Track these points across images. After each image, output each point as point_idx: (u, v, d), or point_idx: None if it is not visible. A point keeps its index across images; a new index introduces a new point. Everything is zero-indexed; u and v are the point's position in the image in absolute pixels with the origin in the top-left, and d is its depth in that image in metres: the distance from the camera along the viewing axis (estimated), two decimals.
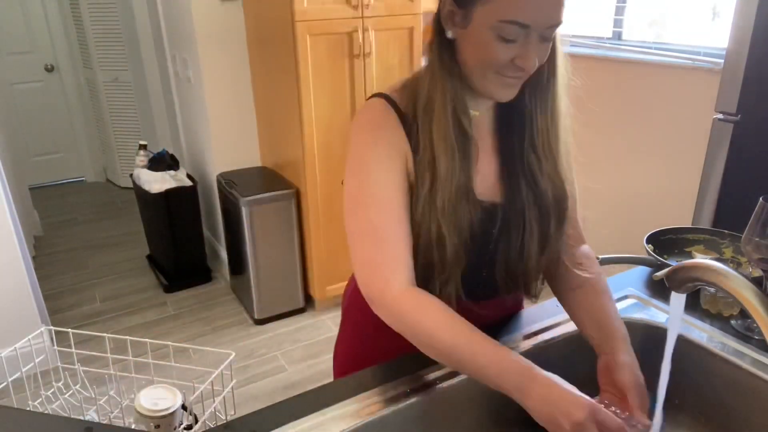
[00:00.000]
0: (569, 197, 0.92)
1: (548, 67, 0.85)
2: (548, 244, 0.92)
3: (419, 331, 0.80)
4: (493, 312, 1.00)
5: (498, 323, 1.03)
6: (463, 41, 0.81)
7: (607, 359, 0.84)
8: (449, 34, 0.82)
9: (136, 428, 0.85)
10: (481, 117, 0.90)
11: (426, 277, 0.88)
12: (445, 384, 0.88)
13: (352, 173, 0.87)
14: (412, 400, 0.84)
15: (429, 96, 0.83)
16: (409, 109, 0.86)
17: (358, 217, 0.85)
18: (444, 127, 0.82)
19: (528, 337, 0.99)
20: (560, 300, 0.98)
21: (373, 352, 0.99)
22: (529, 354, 0.95)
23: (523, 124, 0.89)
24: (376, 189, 0.84)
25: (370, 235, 0.84)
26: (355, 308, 1.08)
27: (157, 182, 2.87)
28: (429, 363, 0.91)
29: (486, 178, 0.90)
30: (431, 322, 0.79)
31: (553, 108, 0.87)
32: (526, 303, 1.10)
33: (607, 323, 0.88)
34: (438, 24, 0.83)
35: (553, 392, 0.70)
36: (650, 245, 1.20)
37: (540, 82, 0.86)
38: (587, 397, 0.69)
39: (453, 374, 0.90)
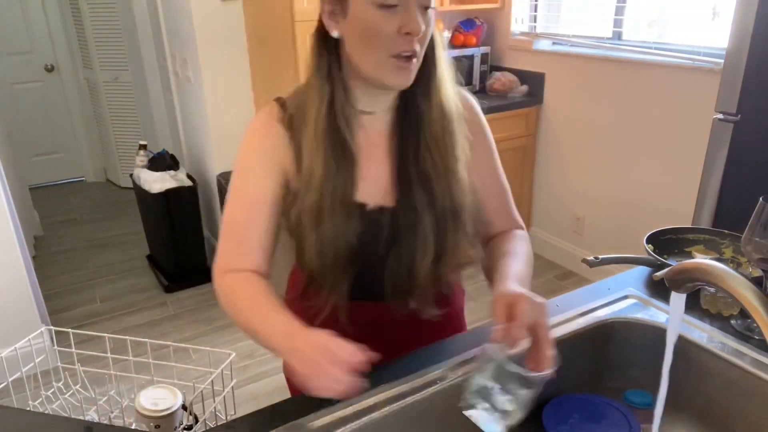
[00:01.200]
0: (468, 205, 0.91)
1: (430, 61, 0.86)
2: (444, 253, 0.90)
3: (230, 303, 0.87)
4: (385, 316, 0.97)
5: None
6: (348, 33, 0.81)
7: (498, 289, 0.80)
8: (335, 33, 0.82)
9: (136, 428, 0.85)
10: (377, 119, 0.90)
11: (320, 280, 0.92)
12: (444, 384, 0.88)
13: (233, 173, 0.93)
14: (412, 400, 0.84)
15: (302, 103, 0.85)
16: (293, 117, 0.88)
17: (227, 211, 0.92)
18: (316, 134, 0.83)
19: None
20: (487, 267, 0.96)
21: None
22: None
23: (419, 125, 0.89)
24: (245, 190, 0.90)
25: (227, 228, 0.91)
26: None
27: (157, 182, 2.87)
28: (429, 363, 0.91)
29: (376, 183, 0.89)
30: (239, 293, 0.87)
31: (442, 103, 0.88)
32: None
33: (503, 265, 0.88)
34: (319, 30, 0.85)
35: (312, 343, 0.73)
36: (650, 245, 1.20)
37: (425, 78, 0.86)
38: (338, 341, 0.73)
39: (452, 374, 0.90)
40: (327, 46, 0.84)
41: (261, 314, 0.83)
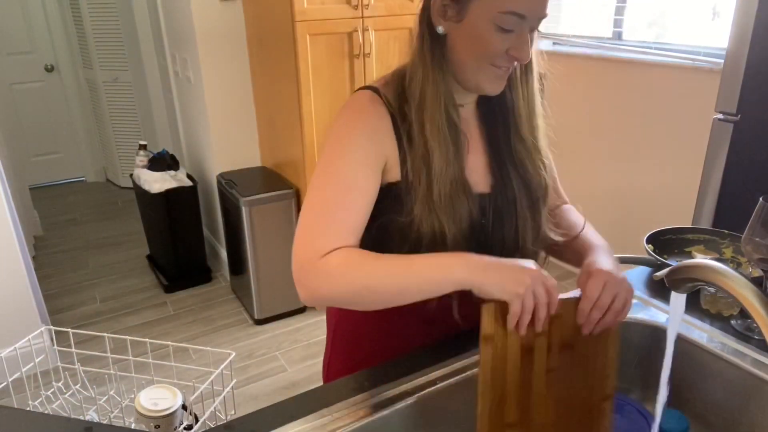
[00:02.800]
0: (552, 179, 0.96)
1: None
2: (541, 229, 0.94)
3: (354, 281, 0.79)
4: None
5: None
6: (456, 35, 0.82)
7: (584, 264, 0.85)
8: (440, 30, 0.83)
9: (136, 428, 0.85)
10: (466, 110, 0.92)
11: None
12: (444, 384, 0.88)
13: (325, 154, 0.87)
14: (412, 400, 0.84)
15: (422, 91, 0.83)
16: (395, 105, 0.86)
17: (316, 191, 0.85)
18: (437, 121, 0.83)
19: None
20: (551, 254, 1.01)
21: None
22: None
23: (506, 115, 0.92)
24: (343, 171, 0.84)
25: (321, 207, 0.83)
26: (346, 323, 1.08)
27: (157, 182, 2.87)
28: (429, 363, 0.91)
29: (475, 170, 0.91)
30: (363, 264, 0.79)
31: (531, 96, 0.91)
32: None
33: (584, 241, 0.93)
34: (426, 19, 0.84)
35: (501, 263, 0.75)
36: (650, 245, 1.20)
37: (519, 73, 0.89)
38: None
39: (453, 374, 0.90)
40: (436, 37, 0.84)
41: (406, 262, 0.79)
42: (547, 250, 1.00)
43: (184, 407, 0.87)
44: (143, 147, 3.09)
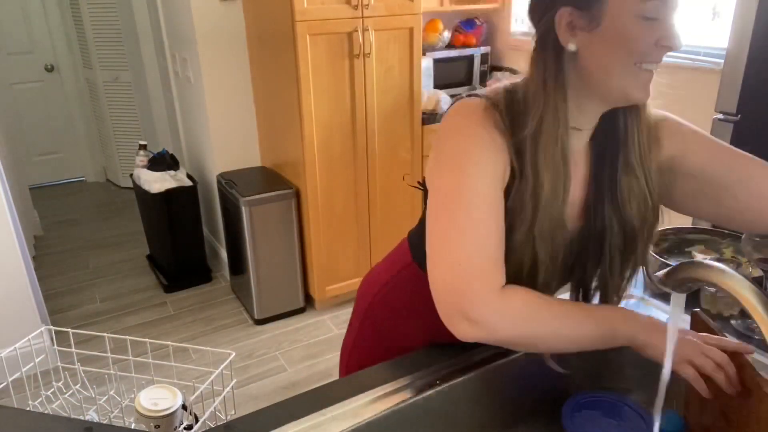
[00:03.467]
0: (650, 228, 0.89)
1: None
2: (631, 267, 0.90)
3: (535, 328, 0.77)
4: None
5: None
6: (592, 46, 0.75)
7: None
8: (571, 47, 0.76)
9: (136, 428, 0.85)
10: (580, 138, 0.85)
11: None
12: (445, 384, 0.88)
13: (447, 169, 0.79)
14: (413, 399, 0.84)
15: (541, 118, 0.77)
16: (512, 123, 0.79)
17: (455, 214, 0.77)
18: (552, 153, 0.77)
19: None
20: None
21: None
22: (530, 354, 0.96)
23: (616, 147, 0.85)
24: (478, 185, 0.77)
25: (470, 232, 0.76)
26: (379, 312, 1.07)
27: (157, 182, 2.87)
28: (428, 363, 0.91)
29: (571, 205, 0.85)
30: (548, 312, 0.77)
31: (647, 125, 0.86)
32: None
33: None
34: (552, 43, 0.77)
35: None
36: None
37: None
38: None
39: (453, 374, 0.90)
40: (561, 60, 0.78)
41: (585, 311, 0.79)
42: None
43: (184, 407, 0.87)
44: (143, 147, 3.09)
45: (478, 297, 0.75)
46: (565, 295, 0.96)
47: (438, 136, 0.82)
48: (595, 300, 0.94)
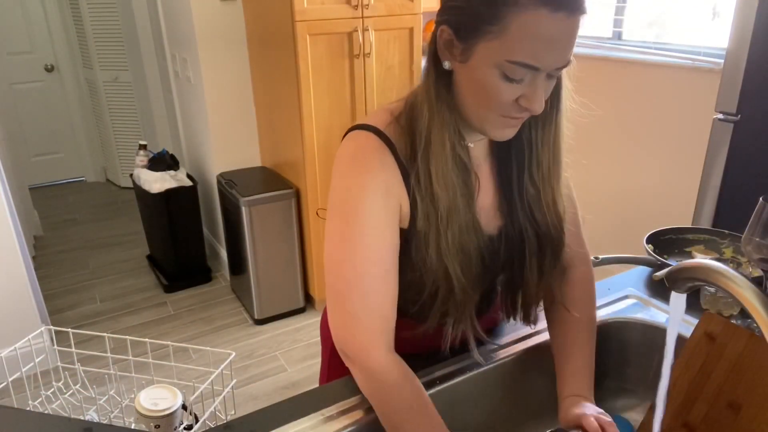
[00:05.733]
0: (565, 230, 0.88)
1: (552, 99, 0.79)
2: (543, 276, 0.89)
3: (387, 402, 0.78)
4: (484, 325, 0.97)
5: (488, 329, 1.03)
6: (461, 75, 0.74)
7: (568, 403, 0.84)
8: (446, 65, 0.75)
9: (136, 428, 0.85)
10: (478, 145, 0.85)
11: (441, 314, 0.85)
12: (444, 384, 0.88)
13: (338, 215, 0.79)
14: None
15: (428, 130, 0.76)
16: (405, 148, 0.78)
17: (343, 266, 0.78)
18: (444, 165, 0.76)
19: (520, 340, 0.99)
20: (548, 325, 0.97)
21: None
22: (518, 358, 0.96)
23: (522, 154, 0.84)
24: (366, 236, 0.77)
25: (355, 287, 0.78)
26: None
27: (157, 182, 2.87)
28: (428, 364, 0.91)
29: (485, 209, 0.85)
30: (402, 398, 0.78)
31: (556, 141, 0.83)
32: None
33: (573, 357, 0.89)
34: (433, 52, 0.76)
35: None
36: (650, 245, 1.20)
37: (543, 115, 0.80)
38: None
39: (452, 374, 0.90)
40: (442, 73, 0.76)
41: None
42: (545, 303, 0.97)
43: (184, 407, 0.87)
44: (143, 147, 3.09)
45: (350, 355, 0.81)
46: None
47: (333, 169, 0.81)
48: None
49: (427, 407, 0.78)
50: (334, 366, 1.04)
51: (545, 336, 0.98)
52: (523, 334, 1.00)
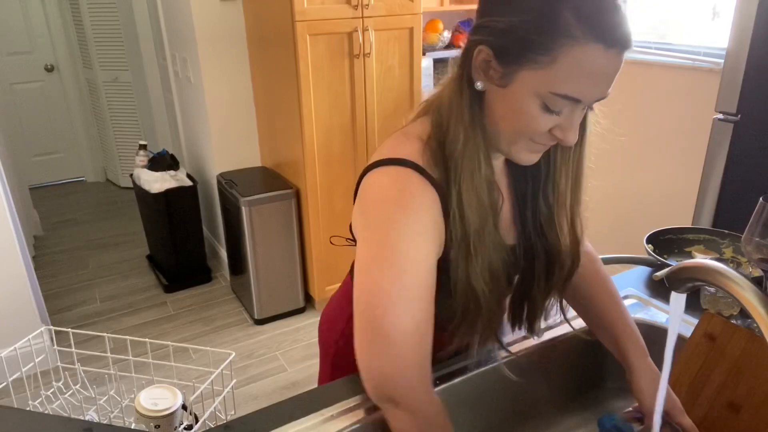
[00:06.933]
0: (580, 255, 0.86)
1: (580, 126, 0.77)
2: (550, 294, 0.89)
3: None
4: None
5: None
6: (495, 98, 0.72)
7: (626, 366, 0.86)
8: (478, 86, 0.72)
9: (136, 428, 0.85)
10: (497, 161, 0.83)
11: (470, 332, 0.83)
12: (444, 385, 0.88)
13: (387, 257, 0.72)
14: None
15: (461, 154, 0.73)
16: (440, 175, 0.75)
17: (388, 312, 0.71)
18: (475, 188, 0.74)
19: (528, 336, 0.99)
20: (575, 309, 0.98)
21: None
22: (530, 354, 0.96)
23: (539, 173, 0.82)
24: (414, 281, 0.72)
25: (402, 331, 0.71)
26: (350, 353, 0.91)
27: (157, 182, 2.87)
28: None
29: (503, 221, 0.83)
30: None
31: (578, 164, 0.82)
32: None
33: (617, 330, 0.90)
34: (466, 71, 0.73)
35: None
36: (650, 245, 1.20)
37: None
38: None
39: (452, 375, 0.90)
40: (475, 92, 0.73)
41: None
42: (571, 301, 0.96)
43: (184, 407, 0.87)
44: (143, 147, 3.09)
45: (412, 390, 0.72)
46: None
47: (368, 208, 0.77)
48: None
49: None
50: (337, 376, 1.02)
51: (546, 336, 0.98)
52: (524, 334, 1.00)
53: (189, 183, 2.95)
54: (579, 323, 0.98)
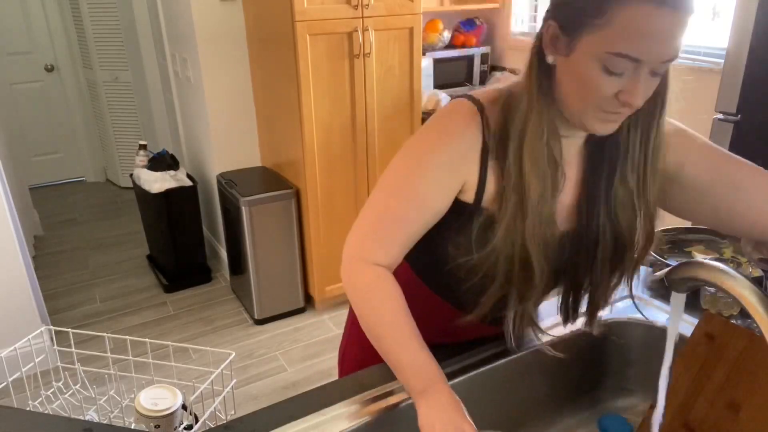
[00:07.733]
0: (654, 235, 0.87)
1: (658, 99, 0.79)
2: (617, 277, 0.89)
3: (365, 307, 0.84)
4: None
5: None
6: (563, 69, 0.75)
7: None
8: (549, 60, 0.76)
9: (136, 428, 0.85)
10: (571, 143, 0.84)
11: (500, 302, 0.86)
12: (463, 376, 0.88)
13: (403, 159, 0.85)
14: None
15: (525, 120, 0.77)
16: (497, 127, 0.80)
17: (382, 196, 0.86)
18: (538, 153, 0.77)
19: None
20: None
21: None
22: (530, 354, 0.96)
23: (614, 156, 0.83)
24: (416, 186, 0.83)
25: (379, 215, 0.86)
26: None
27: (157, 182, 2.87)
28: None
29: (561, 208, 0.85)
30: (378, 301, 0.83)
31: (657, 143, 0.82)
32: None
33: None
34: (538, 47, 0.77)
35: (445, 408, 0.74)
36: None
37: (646, 115, 0.80)
38: (471, 425, 0.73)
39: (453, 374, 0.90)
40: (546, 67, 0.77)
41: (402, 338, 0.81)
42: None
43: (184, 407, 0.87)
44: (143, 147, 3.09)
45: (347, 257, 0.88)
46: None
47: (427, 122, 0.86)
48: (584, 303, 0.93)
49: (407, 317, 0.83)
50: (352, 340, 1.11)
51: (562, 330, 0.98)
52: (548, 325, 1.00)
53: (189, 183, 2.95)
54: (579, 323, 0.98)
